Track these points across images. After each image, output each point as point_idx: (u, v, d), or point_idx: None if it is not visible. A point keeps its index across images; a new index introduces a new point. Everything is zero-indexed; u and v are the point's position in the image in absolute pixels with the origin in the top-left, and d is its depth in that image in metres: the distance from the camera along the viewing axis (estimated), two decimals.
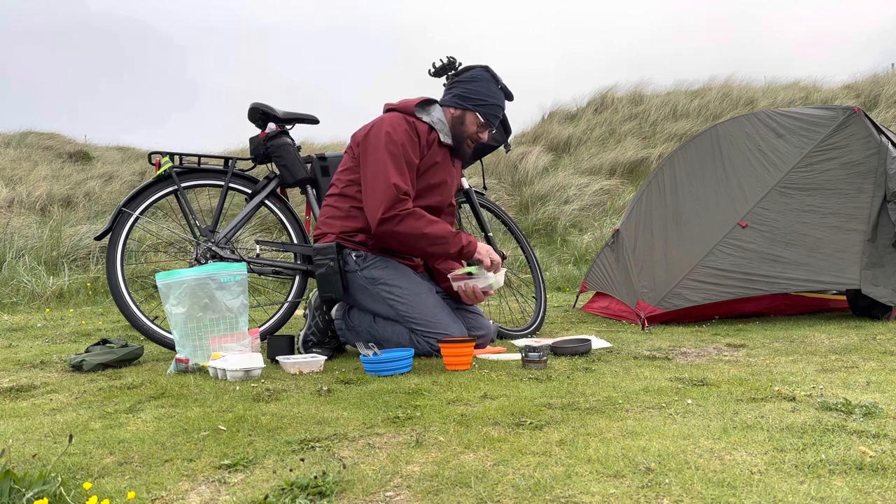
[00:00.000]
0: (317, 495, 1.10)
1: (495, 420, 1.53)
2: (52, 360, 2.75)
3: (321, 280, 2.62)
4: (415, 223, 2.50)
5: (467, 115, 2.69)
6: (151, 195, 2.92)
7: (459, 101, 2.70)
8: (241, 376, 2.17)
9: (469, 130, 2.71)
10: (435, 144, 2.67)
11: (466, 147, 2.75)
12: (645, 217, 3.88)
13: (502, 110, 2.76)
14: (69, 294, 5.36)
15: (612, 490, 1.07)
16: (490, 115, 2.70)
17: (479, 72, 2.73)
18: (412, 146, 2.59)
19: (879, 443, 1.27)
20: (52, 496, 1.10)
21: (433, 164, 2.68)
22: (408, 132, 2.59)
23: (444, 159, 2.72)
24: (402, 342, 2.56)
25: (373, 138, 2.59)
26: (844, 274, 3.15)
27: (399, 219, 2.49)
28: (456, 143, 2.73)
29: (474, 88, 2.69)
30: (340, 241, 2.64)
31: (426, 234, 2.51)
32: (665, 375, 2.04)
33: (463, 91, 2.70)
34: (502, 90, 2.74)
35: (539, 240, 7.91)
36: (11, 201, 7.78)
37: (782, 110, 3.70)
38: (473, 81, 2.70)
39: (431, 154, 2.66)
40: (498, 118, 2.75)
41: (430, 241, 2.53)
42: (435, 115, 2.70)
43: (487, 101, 2.69)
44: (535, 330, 3.40)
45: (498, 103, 2.72)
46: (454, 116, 2.71)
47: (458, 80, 2.74)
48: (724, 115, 10.62)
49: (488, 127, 2.73)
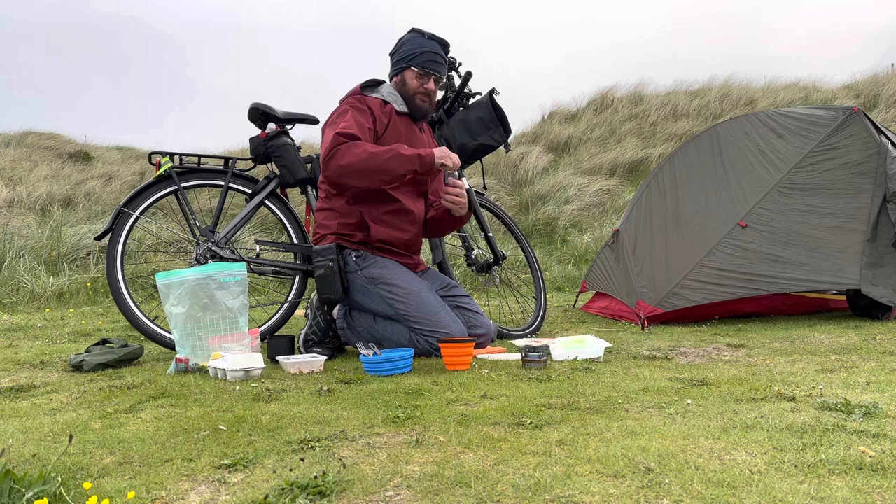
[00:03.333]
0: (317, 495, 1.10)
1: (495, 420, 1.53)
2: (52, 360, 2.75)
3: (320, 281, 2.62)
4: (356, 149, 2.48)
5: (405, 74, 2.75)
6: (151, 195, 2.92)
7: (395, 66, 2.78)
8: (241, 376, 2.17)
9: (412, 87, 2.74)
10: (393, 115, 2.72)
11: (420, 103, 2.77)
12: (645, 217, 3.88)
13: (437, 55, 2.75)
14: (69, 294, 5.36)
15: (612, 490, 1.07)
16: (424, 63, 2.72)
17: (405, 35, 2.80)
18: (362, 114, 2.62)
19: (879, 443, 1.27)
20: (52, 496, 1.10)
21: (398, 134, 2.71)
22: (351, 103, 2.65)
23: (407, 128, 2.77)
24: (402, 342, 2.56)
25: (333, 122, 2.64)
26: (844, 274, 3.15)
27: (339, 152, 2.48)
28: (409, 105, 2.77)
29: (403, 50, 2.76)
30: (340, 241, 2.65)
31: (374, 154, 2.47)
32: (665, 375, 2.04)
33: (397, 58, 2.78)
34: (432, 38, 2.76)
35: (539, 240, 7.91)
36: (11, 201, 7.78)
37: (782, 110, 3.70)
38: (401, 45, 2.78)
39: (393, 125, 2.70)
40: (436, 62, 2.75)
41: (382, 159, 2.47)
42: (384, 90, 2.76)
43: (416, 51, 2.73)
44: (535, 330, 3.40)
45: (429, 50, 2.73)
46: (397, 83, 2.78)
47: (392, 54, 2.81)
48: (724, 115, 10.62)
49: (429, 75, 2.74)
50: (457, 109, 3.32)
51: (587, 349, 2.40)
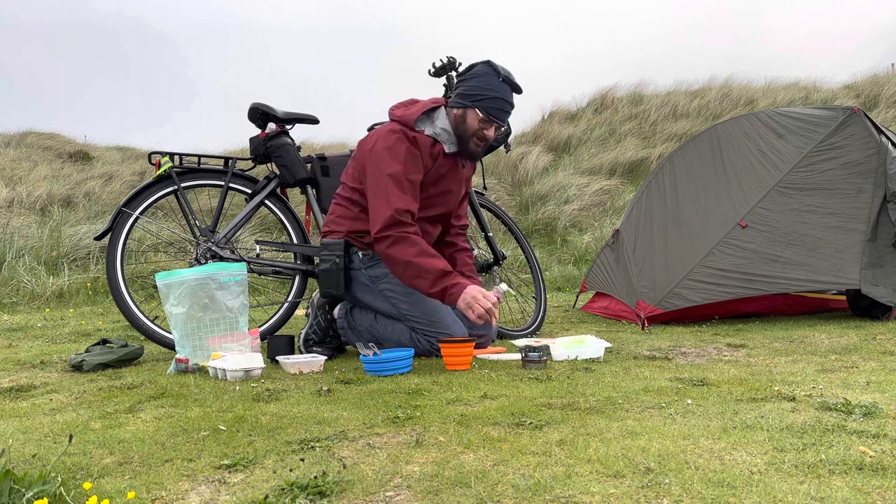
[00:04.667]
0: (317, 495, 1.10)
1: (495, 420, 1.53)
2: (52, 360, 2.75)
3: (324, 276, 2.61)
4: (406, 249, 2.43)
5: (468, 112, 2.59)
6: (151, 195, 2.92)
7: (460, 99, 2.60)
8: (241, 376, 2.17)
9: (471, 128, 2.59)
10: (440, 156, 2.63)
11: (473, 146, 2.64)
12: (645, 217, 3.88)
13: (507, 103, 2.59)
14: (69, 294, 5.36)
15: (612, 490, 1.07)
16: (491, 109, 2.57)
17: (480, 67, 2.63)
18: (414, 164, 2.54)
19: (879, 443, 1.27)
20: (52, 496, 1.10)
21: (439, 177, 2.65)
22: (409, 150, 2.53)
23: (450, 169, 2.68)
24: (402, 341, 2.56)
25: (375, 156, 2.54)
26: (844, 274, 3.15)
27: (392, 240, 2.44)
28: (461, 143, 2.64)
29: (473, 84, 2.59)
30: (349, 239, 2.64)
31: (412, 263, 2.42)
32: (665, 375, 2.04)
33: (463, 89, 2.61)
34: (505, 82, 2.60)
35: (539, 240, 7.91)
36: (11, 201, 7.78)
37: (782, 110, 3.70)
38: (473, 77, 2.61)
39: (437, 167, 2.62)
40: (503, 111, 2.60)
41: (416, 272, 2.42)
42: (438, 125, 2.63)
43: (487, 94, 2.56)
44: (535, 330, 3.40)
45: (500, 96, 2.58)
46: (456, 116, 2.62)
47: (460, 80, 2.67)
48: (724, 115, 10.62)
49: (492, 123, 2.59)
50: None
51: (587, 349, 2.40)
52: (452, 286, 2.40)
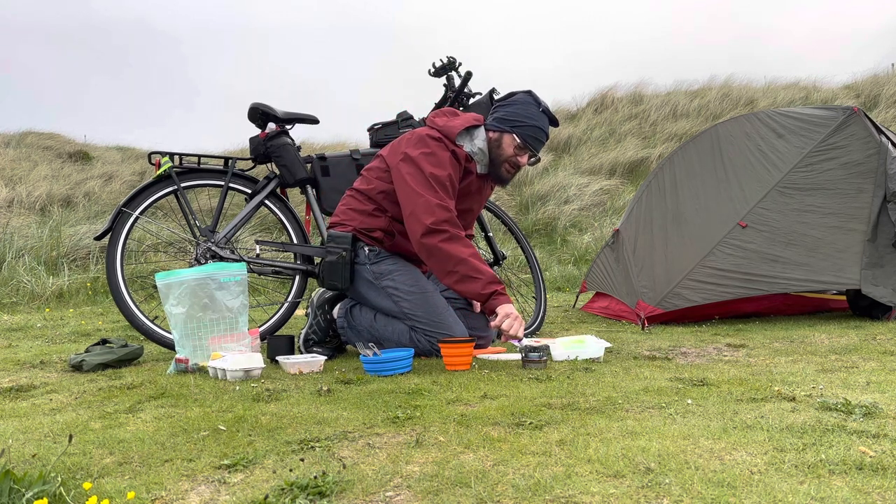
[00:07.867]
0: (317, 495, 1.10)
1: (495, 420, 1.53)
2: (52, 360, 2.75)
3: (329, 267, 2.61)
4: (462, 248, 2.45)
5: (504, 136, 2.64)
6: (151, 195, 2.92)
7: (498, 123, 2.66)
8: (240, 376, 2.17)
9: (506, 153, 2.65)
10: (473, 175, 2.67)
11: (504, 172, 2.69)
12: (645, 217, 3.88)
13: (543, 133, 2.66)
14: (69, 294, 5.36)
15: (612, 490, 1.07)
16: (528, 137, 2.63)
17: (521, 95, 2.71)
18: (455, 173, 2.59)
19: (879, 443, 1.27)
20: (52, 496, 1.10)
21: (466, 194, 2.69)
22: (452, 160, 2.58)
23: (477, 189, 2.73)
24: (402, 341, 2.56)
25: (418, 157, 2.55)
26: (844, 274, 3.15)
27: (448, 235, 2.46)
28: (493, 166, 2.69)
29: (513, 110, 2.65)
30: (358, 234, 2.65)
31: (467, 262, 2.44)
32: (665, 375, 2.04)
33: (503, 114, 2.67)
34: (544, 113, 2.68)
35: (539, 240, 7.92)
36: (11, 201, 7.79)
37: (782, 110, 3.70)
38: (513, 104, 2.68)
39: (468, 183, 2.67)
40: (539, 140, 2.66)
41: (469, 271, 2.44)
42: (476, 144, 2.66)
43: (525, 122, 2.63)
44: (536, 330, 3.40)
45: (537, 125, 2.64)
46: (492, 139, 2.67)
47: (500, 104, 2.72)
48: (724, 115, 10.63)
49: (527, 150, 2.65)
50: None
51: (587, 349, 2.40)
52: (501, 293, 2.45)
